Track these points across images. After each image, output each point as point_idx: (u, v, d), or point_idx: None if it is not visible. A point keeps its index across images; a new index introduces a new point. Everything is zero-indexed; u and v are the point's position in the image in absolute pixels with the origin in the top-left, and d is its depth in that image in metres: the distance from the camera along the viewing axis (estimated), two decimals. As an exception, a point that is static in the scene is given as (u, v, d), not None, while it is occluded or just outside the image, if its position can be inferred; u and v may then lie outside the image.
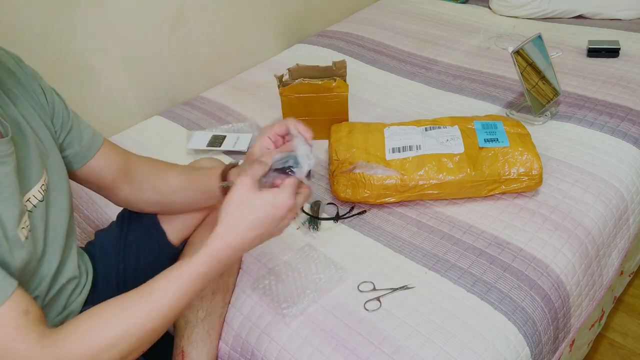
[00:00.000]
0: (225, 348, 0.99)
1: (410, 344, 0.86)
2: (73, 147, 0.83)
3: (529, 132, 1.20)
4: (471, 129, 1.20)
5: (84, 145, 0.84)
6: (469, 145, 1.15)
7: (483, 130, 1.18)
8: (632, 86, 1.49)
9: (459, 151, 1.13)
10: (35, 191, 0.73)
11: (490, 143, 1.14)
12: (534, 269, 0.98)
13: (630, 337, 1.40)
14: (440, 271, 0.99)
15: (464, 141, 1.15)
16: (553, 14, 1.95)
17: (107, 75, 1.54)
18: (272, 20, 1.98)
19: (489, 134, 1.16)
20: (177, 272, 0.68)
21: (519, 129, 1.20)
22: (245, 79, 1.78)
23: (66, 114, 0.83)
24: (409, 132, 1.20)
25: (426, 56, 1.79)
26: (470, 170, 1.11)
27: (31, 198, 0.73)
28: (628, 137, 1.30)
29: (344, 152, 1.18)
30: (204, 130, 1.49)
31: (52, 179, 0.78)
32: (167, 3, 1.62)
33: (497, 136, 1.16)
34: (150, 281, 0.69)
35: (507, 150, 1.13)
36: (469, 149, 1.14)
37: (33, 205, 0.73)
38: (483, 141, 1.15)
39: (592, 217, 1.10)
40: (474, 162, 1.12)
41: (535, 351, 0.91)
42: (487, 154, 1.13)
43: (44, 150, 0.77)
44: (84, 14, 1.43)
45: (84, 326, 0.65)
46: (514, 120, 1.23)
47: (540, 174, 1.11)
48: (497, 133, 1.17)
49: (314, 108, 1.37)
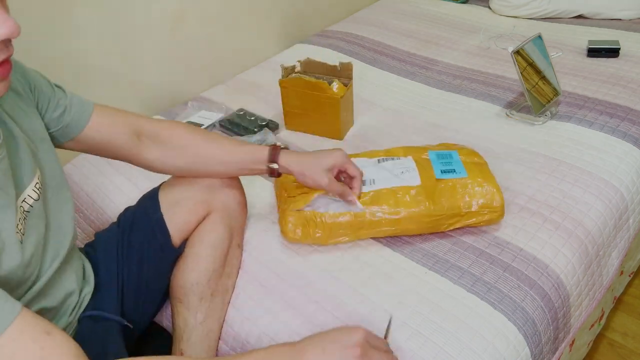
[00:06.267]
0: (225, 348, 0.99)
1: (410, 344, 0.86)
2: (64, 119, 0.85)
3: (485, 161, 1.12)
4: (426, 159, 1.10)
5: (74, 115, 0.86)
6: (426, 177, 1.05)
7: (438, 160, 1.10)
8: (632, 86, 1.49)
9: (416, 184, 1.04)
10: (30, 191, 0.73)
11: (448, 174, 1.06)
12: (534, 269, 0.98)
13: (630, 337, 1.40)
14: (440, 271, 0.99)
15: (420, 173, 1.06)
16: (553, 14, 1.95)
17: (107, 75, 1.54)
18: (272, 20, 1.98)
19: (444, 164, 1.08)
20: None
21: (475, 158, 1.12)
22: (245, 79, 1.78)
23: (50, 90, 0.84)
24: (362, 165, 1.07)
25: (426, 56, 1.79)
26: (428, 203, 1.01)
27: (26, 198, 0.72)
28: (628, 137, 1.30)
29: (294, 189, 1.07)
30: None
31: (46, 175, 0.78)
32: (167, 3, 1.62)
33: (453, 167, 1.08)
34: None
35: (466, 182, 1.04)
36: (425, 181, 1.05)
37: (29, 205, 0.73)
38: (440, 172, 1.07)
39: (592, 217, 1.10)
40: (432, 195, 1.03)
41: (535, 351, 0.91)
42: (445, 185, 1.04)
43: (34, 148, 0.77)
44: (84, 14, 1.43)
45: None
46: (468, 149, 1.15)
47: (502, 205, 1.03)
48: (453, 163, 1.09)
49: (309, 104, 1.39)
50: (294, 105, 1.42)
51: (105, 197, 1.31)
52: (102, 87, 1.54)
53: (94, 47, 1.48)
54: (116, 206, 1.25)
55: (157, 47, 1.64)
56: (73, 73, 1.46)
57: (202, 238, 0.97)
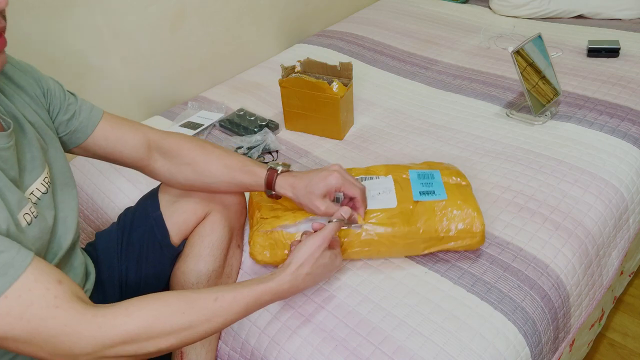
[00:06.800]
0: (225, 348, 0.99)
1: (410, 344, 0.86)
2: (72, 124, 0.86)
3: (469, 183, 1.07)
4: (406, 179, 1.06)
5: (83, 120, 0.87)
6: (403, 199, 1.01)
7: (418, 181, 1.05)
8: (632, 86, 1.49)
9: (391, 206, 1.00)
10: (38, 184, 0.75)
11: (426, 196, 1.01)
12: (534, 269, 0.98)
13: (630, 337, 1.40)
14: (440, 271, 0.99)
15: (397, 194, 1.02)
16: (553, 14, 1.95)
17: (107, 75, 1.54)
18: (272, 20, 1.98)
19: (424, 185, 1.04)
20: (247, 290, 0.76)
21: (458, 179, 1.07)
22: (245, 79, 1.78)
23: (62, 95, 0.85)
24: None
25: (426, 56, 1.79)
26: (403, 226, 0.97)
27: (34, 191, 0.74)
28: (628, 137, 1.30)
29: (268, 209, 1.04)
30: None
31: (54, 172, 0.80)
32: (167, 3, 1.62)
33: (433, 188, 1.03)
34: (220, 288, 0.75)
35: (445, 205, 0.99)
36: (402, 203, 1.00)
37: (37, 197, 0.74)
38: (418, 194, 1.02)
39: (592, 217, 1.10)
40: (408, 217, 0.98)
41: (535, 351, 0.91)
42: (422, 208, 0.99)
43: (44, 144, 0.79)
44: (84, 14, 1.43)
45: (145, 308, 0.67)
46: (453, 169, 1.10)
47: (483, 231, 0.98)
48: (433, 184, 1.04)
49: (309, 104, 1.39)
50: (294, 105, 1.42)
51: (106, 197, 1.31)
52: (102, 87, 1.54)
53: (94, 47, 1.48)
54: (116, 206, 1.26)
55: (157, 47, 1.64)
56: (73, 73, 1.46)
57: (203, 238, 0.98)
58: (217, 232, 0.98)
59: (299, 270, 0.81)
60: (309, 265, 0.82)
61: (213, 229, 0.98)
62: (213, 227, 0.98)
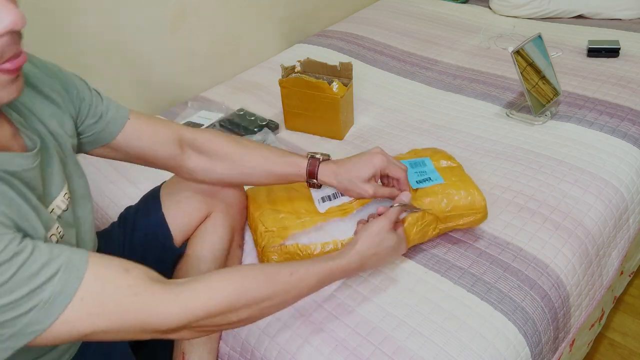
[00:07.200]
0: (225, 348, 0.99)
1: (410, 344, 0.86)
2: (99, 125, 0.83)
3: (459, 164, 1.10)
4: None
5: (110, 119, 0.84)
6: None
7: (412, 170, 1.07)
8: (632, 86, 1.49)
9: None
10: (59, 201, 0.72)
11: (424, 183, 1.03)
12: (534, 269, 0.98)
13: (630, 337, 1.40)
14: (440, 271, 0.99)
15: None
16: (553, 14, 1.95)
17: (107, 75, 1.54)
18: (272, 20, 1.98)
19: (419, 174, 1.06)
20: (319, 266, 0.79)
21: (448, 162, 1.09)
22: (245, 79, 1.78)
23: (89, 97, 0.83)
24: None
25: (426, 56, 1.79)
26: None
27: (55, 209, 0.71)
28: (628, 137, 1.30)
29: (272, 221, 1.01)
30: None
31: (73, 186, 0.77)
32: (168, 3, 1.62)
33: (428, 175, 1.05)
34: (293, 263, 0.78)
35: (444, 187, 1.02)
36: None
37: (57, 215, 0.72)
38: (415, 183, 1.03)
39: (592, 217, 1.10)
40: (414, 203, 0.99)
41: (535, 351, 0.91)
42: (423, 193, 1.02)
43: (64, 157, 0.76)
44: (84, 14, 1.43)
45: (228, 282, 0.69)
46: (441, 153, 1.12)
47: (484, 206, 1.01)
48: (427, 172, 1.06)
49: (309, 104, 1.39)
50: (294, 105, 1.42)
51: (106, 197, 1.31)
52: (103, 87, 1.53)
53: (94, 47, 1.48)
54: (117, 206, 1.26)
55: (157, 47, 1.64)
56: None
57: (204, 239, 0.98)
58: (218, 233, 0.98)
59: (367, 250, 0.84)
60: (375, 247, 0.85)
61: (214, 230, 0.98)
62: (214, 228, 0.98)
